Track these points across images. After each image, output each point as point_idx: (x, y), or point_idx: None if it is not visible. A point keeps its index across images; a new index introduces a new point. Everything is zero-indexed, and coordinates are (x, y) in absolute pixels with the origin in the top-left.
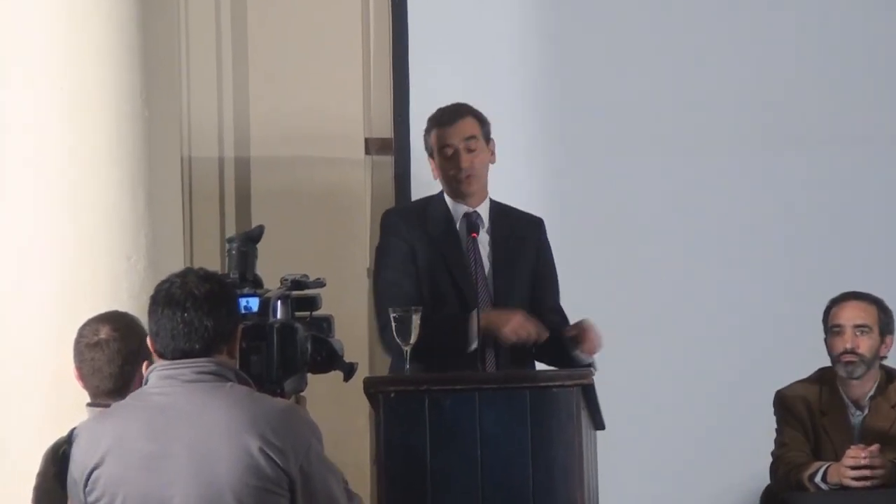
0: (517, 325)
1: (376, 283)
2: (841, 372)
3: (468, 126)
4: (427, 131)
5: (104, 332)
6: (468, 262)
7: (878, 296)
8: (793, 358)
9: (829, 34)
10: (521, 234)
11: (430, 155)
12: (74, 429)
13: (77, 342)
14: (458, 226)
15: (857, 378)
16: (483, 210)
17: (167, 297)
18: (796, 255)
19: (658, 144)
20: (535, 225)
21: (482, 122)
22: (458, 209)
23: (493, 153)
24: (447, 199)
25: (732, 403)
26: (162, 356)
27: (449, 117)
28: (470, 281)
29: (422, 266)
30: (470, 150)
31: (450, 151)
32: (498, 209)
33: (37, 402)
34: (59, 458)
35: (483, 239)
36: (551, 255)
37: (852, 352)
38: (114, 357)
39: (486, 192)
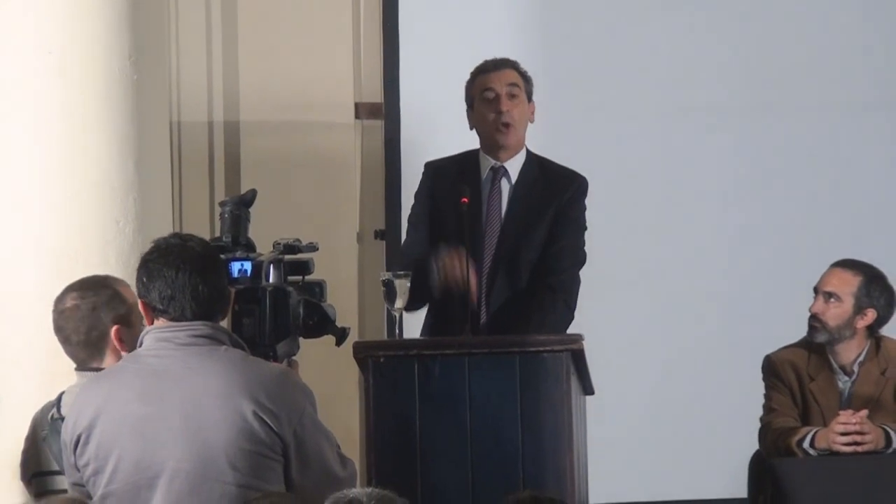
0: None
1: None
2: (807, 334)
3: (512, 75)
4: (469, 81)
5: (69, 301)
6: (482, 220)
7: (875, 268)
8: (783, 323)
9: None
10: (550, 191)
11: (470, 105)
12: (63, 392)
13: (52, 312)
14: (483, 180)
15: (820, 342)
16: (514, 164)
17: (165, 259)
18: (787, 221)
19: (648, 111)
20: (567, 182)
21: (526, 79)
22: (486, 163)
23: (532, 113)
24: (480, 152)
25: (721, 369)
26: (163, 314)
27: (494, 64)
28: (478, 240)
29: (438, 221)
30: (512, 97)
31: (491, 95)
32: (535, 162)
33: (28, 368)
34: (47, 421)
35: (505, 195)
36: (574, 217)
37: (815, 317)
38: (78, 326)
39: (522, 147)
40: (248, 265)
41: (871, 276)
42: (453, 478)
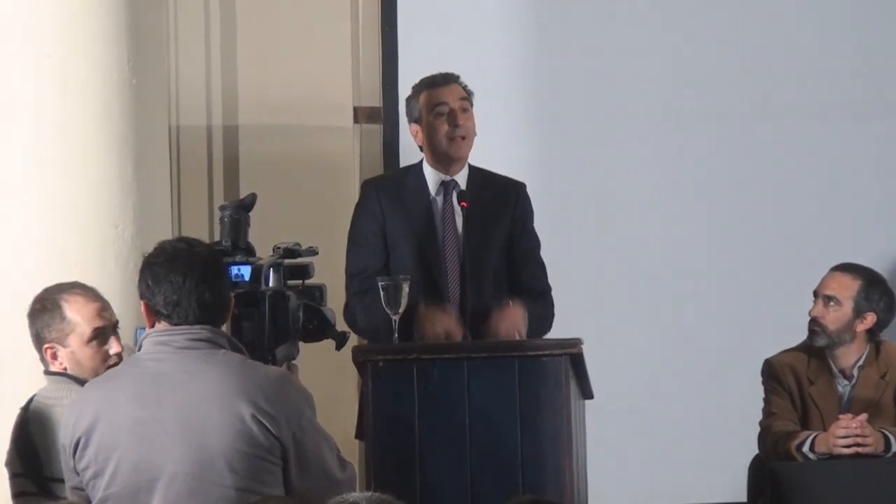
0: (437, 328)
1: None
2: (807, 338)
3: (461, 90)
4: (414, 95)
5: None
6: (439, 234)
7: (875, 272)
8: (782, 327)
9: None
10: (499, 201)
11: (416, 120)
12: (34, 396)
13: None
14: (432, 195)
15: (819, 346)
16: (461, 178)
17: (172, 264)
18: (787, 224)
19: (647, 114)
20: (515, 189)
21: (469, 93)
22: (435, 178)
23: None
24: (425, 167)
25: (721, 373)
26: (166, 319)
27: (443, 79)
28: (438, 254)
29: (391, 239)
30: (464, 110)
31: (445, 109)
32: (478, 175)
33: (26, 368)
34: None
35: (458, 208)
36: (531, 220)
37: (815, 321)
38: (31, 338)
39: (467, 161)
40: (244, 270)
41: (870, 280)
42: (452, 482)
